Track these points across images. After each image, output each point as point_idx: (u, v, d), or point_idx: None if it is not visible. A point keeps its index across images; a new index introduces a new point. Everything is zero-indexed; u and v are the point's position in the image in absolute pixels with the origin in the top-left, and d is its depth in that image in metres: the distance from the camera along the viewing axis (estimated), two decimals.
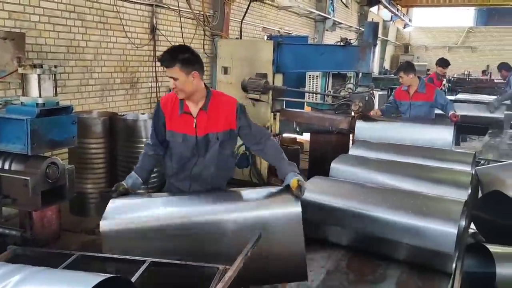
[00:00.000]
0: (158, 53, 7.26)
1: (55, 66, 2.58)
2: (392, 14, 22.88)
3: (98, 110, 5.81)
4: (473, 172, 3.13)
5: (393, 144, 3.89)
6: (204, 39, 8.38)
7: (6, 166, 2.57)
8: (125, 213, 2.41)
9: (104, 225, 2.29)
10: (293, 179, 2.44)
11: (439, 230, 2.21)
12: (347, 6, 17.45)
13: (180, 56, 2.57)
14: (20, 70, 2.54)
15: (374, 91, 5.49)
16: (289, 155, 6.71)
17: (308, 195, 2.52)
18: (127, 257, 1.99)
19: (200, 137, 2.72)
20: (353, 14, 18.74)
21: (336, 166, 3.26)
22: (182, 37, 7.70)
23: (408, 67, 5.34)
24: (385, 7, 20.82)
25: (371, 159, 3.45)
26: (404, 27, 27.02)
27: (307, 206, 2.45)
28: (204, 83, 2.76)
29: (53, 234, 3.62)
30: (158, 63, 7.20)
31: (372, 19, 19.07)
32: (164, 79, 7.46)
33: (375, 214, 2.42)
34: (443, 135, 4.24)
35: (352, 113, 5.28)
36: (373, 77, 12.00)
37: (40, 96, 2.52)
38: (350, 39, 5.56)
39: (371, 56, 5.11)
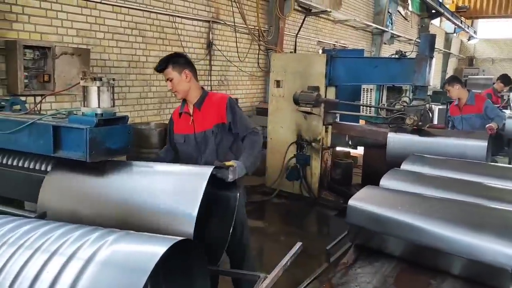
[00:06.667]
0: (214, 67, 7.47)
1: (113, 79, 2.73)
2: (456, 26, 22.06)
3: (156, 121, 6.07)
4: None
5: (451, 160, 3.66)
6: (258, 54, 8.51)
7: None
8: None
9: None
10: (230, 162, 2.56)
11: (497, 244, 2.08)
12: (406, 19, 17.06)
13: (171, 59, 2.86)
14: (82, 83, 2.69)
15: (432, 105, 5.34)
16: (342, 169, 6.63)
17: (361, 204, 2.52)
18: None
19: (198, 133, 2.91)
20: (413, 27, 18.25)
21: (386, 184, 3.07)
22: (237, 52, 7.88)
23: (453, 79, 5.53)
24: (448, 19, 20.14)
25: (426, 175, 3.25)
26: (469, 40, 25.89)
27: (360, 214, 2.47)
28: (202, 86, 2.99)
29: None
30: (212, 78, 7.42)
31: (429, 31, 18.45)
32: None
33: (430, 227, 2.28)
34: (476, 149, 4.07)
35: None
36: (434, 91, 11.64)
37: (99, 107, 2.64)
38: (405, 52, 5.45)
39: (427, 69, 4.98)
